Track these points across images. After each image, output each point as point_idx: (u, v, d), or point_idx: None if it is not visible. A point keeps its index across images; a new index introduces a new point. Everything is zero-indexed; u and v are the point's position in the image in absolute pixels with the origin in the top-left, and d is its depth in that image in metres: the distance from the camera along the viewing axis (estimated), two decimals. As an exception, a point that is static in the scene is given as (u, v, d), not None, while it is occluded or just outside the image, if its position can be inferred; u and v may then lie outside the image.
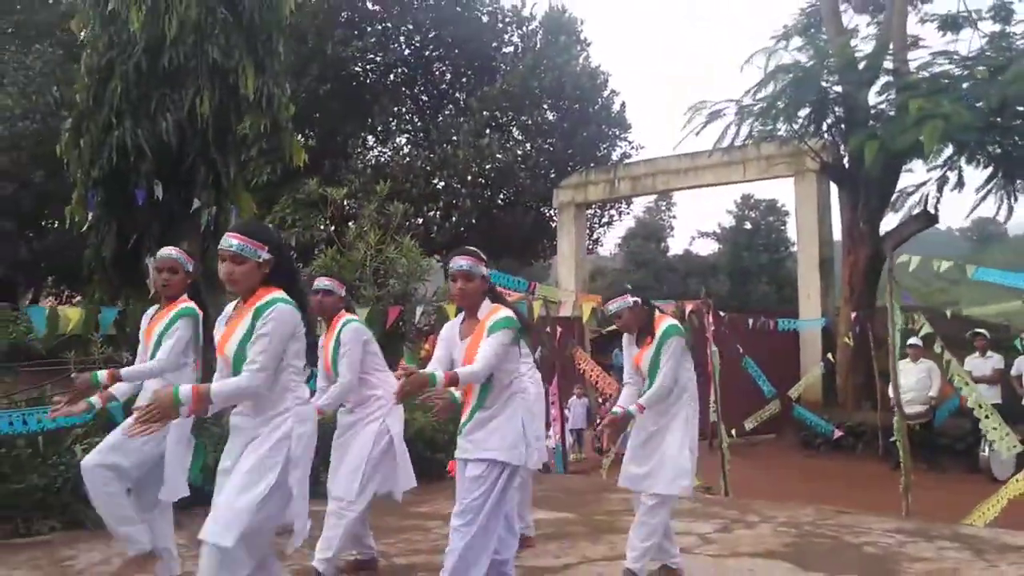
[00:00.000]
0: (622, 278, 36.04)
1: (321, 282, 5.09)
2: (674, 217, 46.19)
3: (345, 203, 18.65)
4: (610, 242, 73.35)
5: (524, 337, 4.22)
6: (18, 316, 13.31)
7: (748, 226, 39.83)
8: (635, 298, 4.81)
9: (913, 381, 10.80)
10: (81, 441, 6.53)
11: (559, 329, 9.91)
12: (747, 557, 5.09)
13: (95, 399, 4.35)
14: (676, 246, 57.78)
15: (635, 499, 4.86)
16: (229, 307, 3.54)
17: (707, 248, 44.27)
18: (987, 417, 6.96)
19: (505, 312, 3.92)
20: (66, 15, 15.98)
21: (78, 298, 22.23)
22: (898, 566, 5.12)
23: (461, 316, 4.14)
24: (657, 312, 4.95)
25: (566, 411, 11.74)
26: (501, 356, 3.84)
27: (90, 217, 8.63)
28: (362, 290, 10.71)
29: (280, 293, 3.34)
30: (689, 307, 9.84)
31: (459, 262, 3.96)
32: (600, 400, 11.34)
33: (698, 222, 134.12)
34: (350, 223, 13.70)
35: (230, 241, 3.32)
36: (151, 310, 4.65)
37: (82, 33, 9.26)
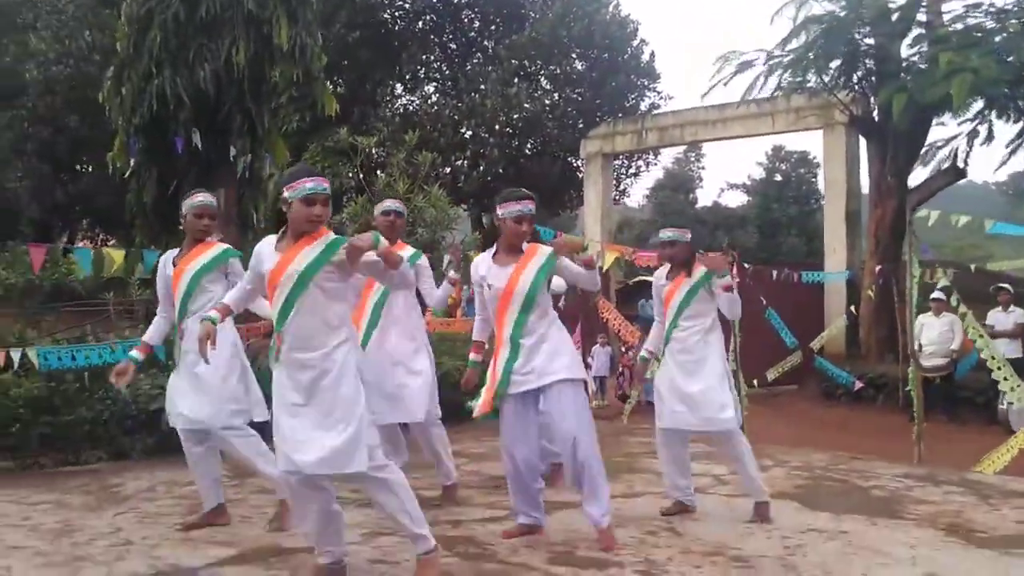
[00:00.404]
0: (650, 229, 36.04)
1: (393, 204, 5.36)
2: (703, 168, 45.80)
3: (374, 152, 18.82)
4: (638, 193, 72.96)
5: None
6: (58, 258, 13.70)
7: (778, 178, 39.46)
8: (691, 234, 4.97)
9: (935, 334, 10.90)
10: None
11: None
12: (759, 497, 5.29)
13: (136, 354, 4.63)
14: (705, 198, 57.14)
15: (663, 437, 4.98)
16: (267, 246, 3.64)
17: (736, 200, 43.84)
18: (999, 369, 7.09)
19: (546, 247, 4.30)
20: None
21: (112, 241, 22.70)
22: (903, 508, 5.31)
23: (491, 251, 4.38)
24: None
25: (589, 359, 11.99)
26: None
27: (131, 163, 8.91)
28: (391, 238, 10.91)
29: None
30: (711, 258, 9.92)
31: (529, 206, 4.25)
32: (623, 349, 11.54)
33: (727, 174, 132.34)
34: (379, 172, 13.86)
35: (323, 185, 3.50)
36: (168, 255, 4.79)
37: (121, -18, 9.42)
